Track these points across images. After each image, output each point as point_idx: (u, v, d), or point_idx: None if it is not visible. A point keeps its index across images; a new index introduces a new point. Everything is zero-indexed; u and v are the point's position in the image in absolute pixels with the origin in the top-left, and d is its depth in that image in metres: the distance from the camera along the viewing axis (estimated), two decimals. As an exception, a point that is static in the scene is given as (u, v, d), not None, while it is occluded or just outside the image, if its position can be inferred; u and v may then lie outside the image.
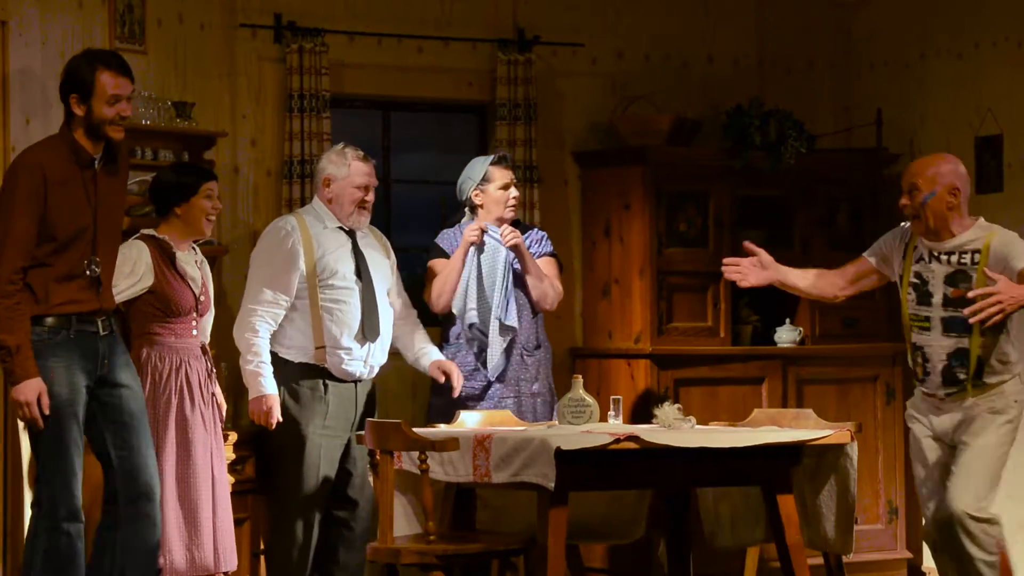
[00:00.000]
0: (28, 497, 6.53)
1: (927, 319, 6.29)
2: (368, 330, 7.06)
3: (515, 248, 7.34)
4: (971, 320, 6.07)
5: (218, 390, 6.73)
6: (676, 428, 6.47)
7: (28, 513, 6.29)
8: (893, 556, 8.58)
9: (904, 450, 8.66)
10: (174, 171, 6.75)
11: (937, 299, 6.27)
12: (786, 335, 8.57)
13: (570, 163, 8.64)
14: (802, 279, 6.67)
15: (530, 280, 7.41)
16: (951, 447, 6.27)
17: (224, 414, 6.76)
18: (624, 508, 6.88)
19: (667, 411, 6.63)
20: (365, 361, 7.10)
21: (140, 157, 7.19)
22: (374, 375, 7.21)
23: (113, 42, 7.23)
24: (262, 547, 7.25)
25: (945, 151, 8.59)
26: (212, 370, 6.68)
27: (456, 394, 7.23)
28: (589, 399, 6.83)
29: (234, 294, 7.58)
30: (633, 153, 8.36)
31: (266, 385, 6.94)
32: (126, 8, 7.32)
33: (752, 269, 6.64)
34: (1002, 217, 6.85)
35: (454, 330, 7.44)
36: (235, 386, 7.25)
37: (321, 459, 7.04)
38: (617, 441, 6.12)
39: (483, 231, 7.36)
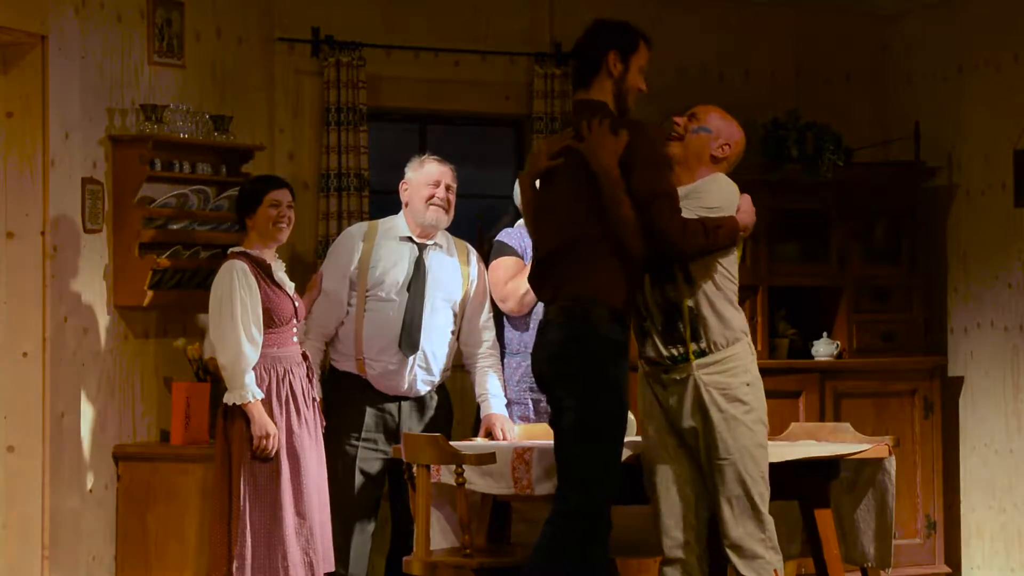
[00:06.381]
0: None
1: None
2: (406, 343, 7.00)
3: None
4: None
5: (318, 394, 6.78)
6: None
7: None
8: (931, 571, 8.55)
9: (943, 465, 8.63)
10: (246, 182, 6.79)
11: None
12: (823, 349, 8.55)
13: (607, 176, 8.62)
14: None
15: None
16: (688, 445, 5.83)
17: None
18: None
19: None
20: (406, 376, 7.04)
21: (178, 171, 7.21)
22: (422, 392, 7.11)
23: (152, 56, 7.27)
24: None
25: (984, 164, 8.62)
26: (312, 375, 6.73)
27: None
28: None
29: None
30: (670, 166, 8.33)
31: None
32: (164, 22, 7.35)
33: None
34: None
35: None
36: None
37: (355, 470, 7.02)
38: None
39: None
